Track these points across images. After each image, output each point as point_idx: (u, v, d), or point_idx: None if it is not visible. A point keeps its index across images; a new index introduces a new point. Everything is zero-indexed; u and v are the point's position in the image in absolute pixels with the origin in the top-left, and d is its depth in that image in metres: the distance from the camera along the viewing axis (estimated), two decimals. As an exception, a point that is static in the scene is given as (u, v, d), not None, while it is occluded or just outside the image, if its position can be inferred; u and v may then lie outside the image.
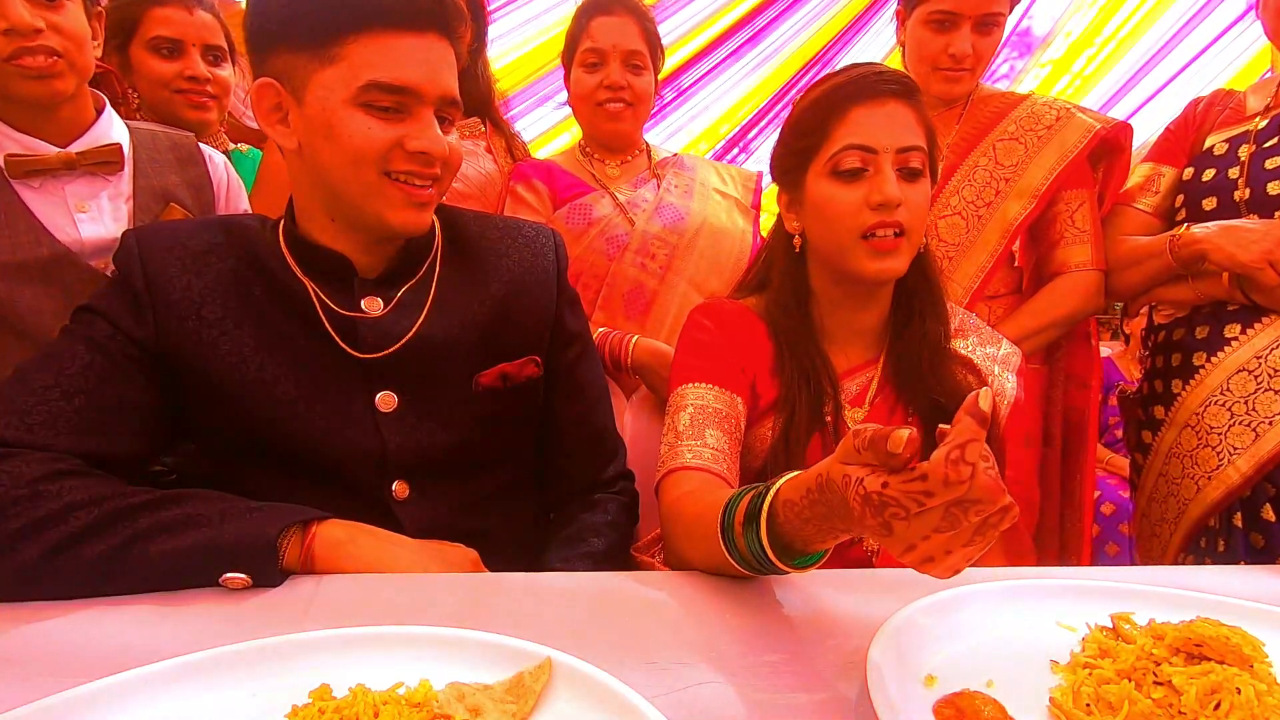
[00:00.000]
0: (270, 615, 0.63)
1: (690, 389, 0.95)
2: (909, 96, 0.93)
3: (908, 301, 1.02)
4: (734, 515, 0.64)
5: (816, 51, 5.27)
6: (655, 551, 1.04)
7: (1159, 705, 0.49)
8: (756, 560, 0.62)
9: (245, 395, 0.82)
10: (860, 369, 1.02)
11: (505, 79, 4.11)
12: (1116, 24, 4.86)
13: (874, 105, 0.91)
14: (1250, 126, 1.29)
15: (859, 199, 0.91)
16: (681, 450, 0.89)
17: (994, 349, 1.06)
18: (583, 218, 1.53)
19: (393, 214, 0.80)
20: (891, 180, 0.90)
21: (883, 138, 0.91)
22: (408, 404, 0.87)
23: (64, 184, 1.04)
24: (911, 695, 0.51)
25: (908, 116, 0.93)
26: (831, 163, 0.93)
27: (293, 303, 0.84)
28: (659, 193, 1.55)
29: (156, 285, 0.81)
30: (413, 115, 0.78)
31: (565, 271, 0.98)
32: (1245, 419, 1.20)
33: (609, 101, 1.49)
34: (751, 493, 0.64)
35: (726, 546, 0.65)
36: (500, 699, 0.48)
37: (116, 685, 0.48)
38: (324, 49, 0.75)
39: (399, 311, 0.86)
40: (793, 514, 0.58)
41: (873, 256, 0.92)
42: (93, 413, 0.76)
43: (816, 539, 0.58)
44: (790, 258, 1.02)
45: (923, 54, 1.39)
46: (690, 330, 1.01)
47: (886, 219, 0.90)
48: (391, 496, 0.86)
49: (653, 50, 1.52)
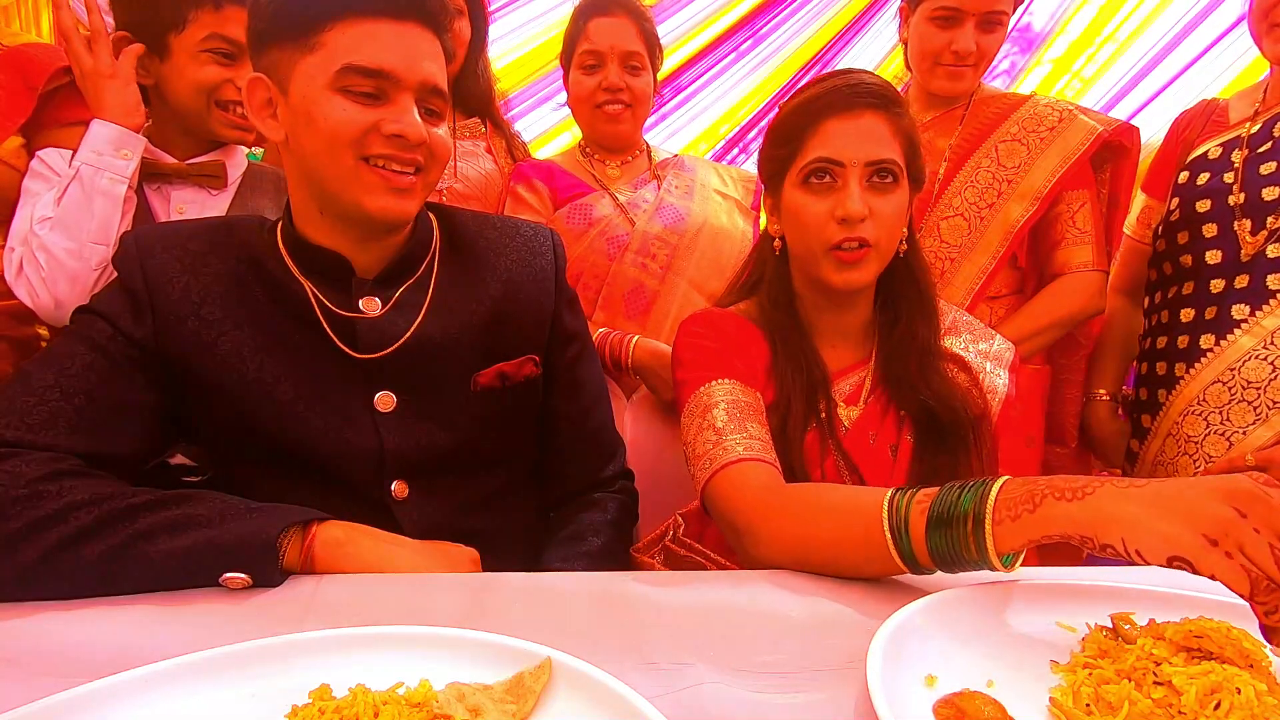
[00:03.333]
0: (270, 615, 0.63)
1: (716, 386, 0.94)
2: (886, 107, 0.94)
3: (894, 304, 1.03)
4: (906, 513, 0.66)
5: (816, 51, 5.27)
6: (655, 552, 1.04)
7: (1159, 705, 0.49)
8: (948, 558, 0.64)
9: (244, 396, 0.82)
10: (852, 369, 1.03)
11: (505, 79, 4.11)
12: (1117, 22, 4.85)
13: (846, 118, 0.93)
14: (1242, 132, 1.31)
15: (826, 211, 0.93)
16: (730, 444, 0.87)
17: (987, 345, 1.07)
18: (583, 218, 1.53)
19: (370, 200, 0.79)
20: (855, 195, 0.91)
21: (850, 151, 0.92)
22: (406, 404, 0.86)
23: (175, 189, 1.23)
24: (911, 695, 0.51)
25: (881, 129, 0.93)
26: (803, 173, 0.95)
27: (291, 303, 0.84)
28: (659, 193, 1.55)
29: (155, 286, 0.81)
30: (391, 101, 0.78)
31: (564, 271, 0.98)
32: (1220, 429, 1.25)
33: (608, 103, 1.50)
34: (923, 494, 0.66)
35: (897, 544, 0.66)
36: (500, 699, 0.48)
37: (116, 685, 0.48)
38: (306, 39, 0.76)
39: (397, 311, 0.86)
40: (1042, 519, 0.58)
41: (838, 268, 0.94)
42: (93, 412, 0.76)
43: (1020, 520, 0.59)
44: (776, 262, 1.04)
45: (926, 50, 1.40)
46: (688, 339, 1.01)
47: (850, 234, 0.92)
48: (390, 496, 0.86)
49: (651, 51, 1.52)
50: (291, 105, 0.78)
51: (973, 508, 0.62)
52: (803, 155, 0.95)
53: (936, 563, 0.65)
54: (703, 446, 0.89)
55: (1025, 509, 0.59)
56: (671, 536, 1.04)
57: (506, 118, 1.77)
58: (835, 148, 0.93)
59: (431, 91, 0.81)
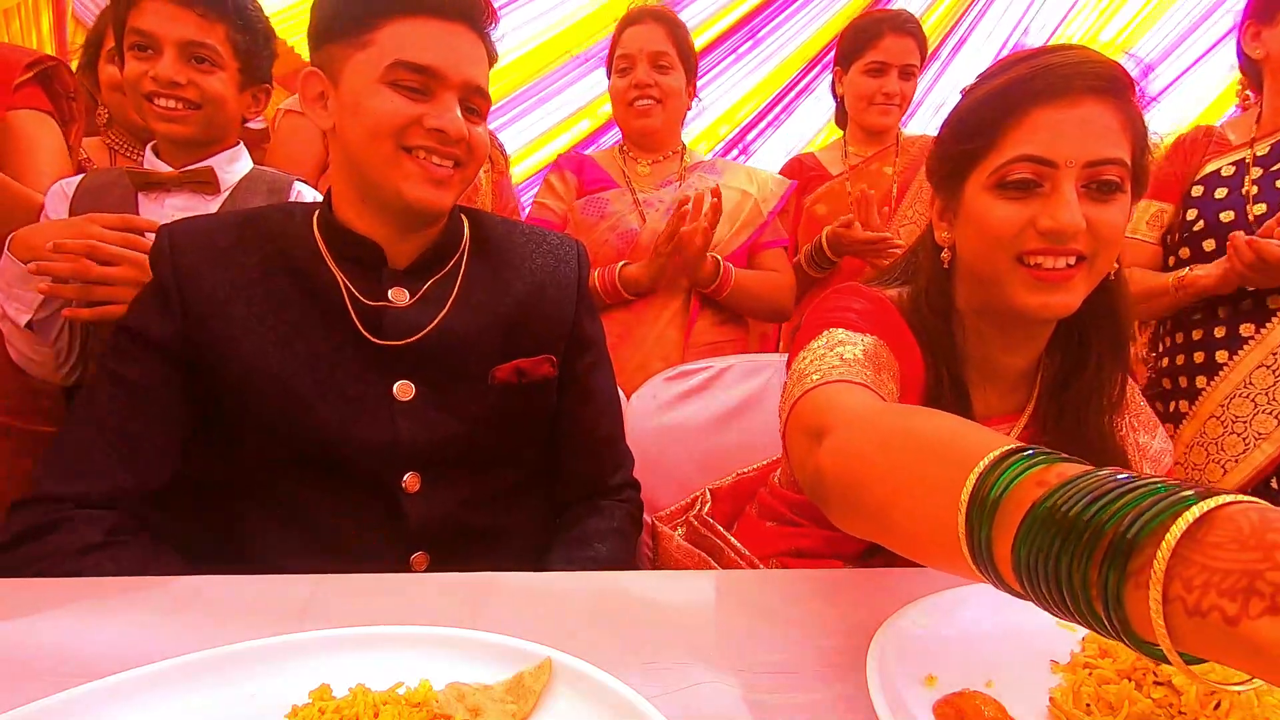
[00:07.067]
0: (270, 615, 0.63)
1: (860, 336, 0.76)
2: (1114, 93, 0.74)
3: (1080, 343, 0.84)
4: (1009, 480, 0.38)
5: (816, 52, 5.26)
6: (678, 524, 1.02)
7: (1159, 705, 0.49)
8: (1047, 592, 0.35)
9: (265, 390, 0.83)
10: (1000, 420, 0.85)
11: (506, 79, 4.12)
12: (1113, 32, 4.87)
13: (1062, 106, 0.73)
14: (1245, 155, 1.41)
15: (1025, 219, 0.75)
16: (855, 374, 0.69)
17: (1148, 439, 0.89)
18: (596, 210, 1.63)
19: (409, 187, 0.83)
20: (1070, 202, 0.72)
21: (1066, 148, 0.73)
22: (424, 393, 0.88)
23: (170, 196, 1.23)
24: (911, 695, 0.51)
25: (1107, 119, 0.74)
26: (998, 174, 0.76)
27: (319, 291, 0.86)
28: (676, 194, 1.61)
29: (186, 282, 0.84)
30: (436, 97, 0.83)
31: (586, 280, 1.01)
32: (1268, 408, 1.35)
33: (637, 99, 1.61)
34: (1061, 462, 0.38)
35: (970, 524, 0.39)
36: (500, 699, 0.48)
37: (116, 685, 0.48)
38: (359, 36, 0.81)
39: (424, 303, 0.89)
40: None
41: (1034, 288, 0.75)
42: (127, 447, 0.81)
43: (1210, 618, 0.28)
44: (937, 270, 0.86)
45: (861, 94, 1.77)
46: (843, 296, 0.85)
47: (1057, 247, 0.74)
48: (402, 489, 0.87)
49: (682, 52, 1.61)
50: (341, 97, 0.83)
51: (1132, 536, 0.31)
52: (998, 151, 0.76)
53: (1030, 590, 0.36)
54: (817, 366, 0.70)
55: (1226, 606, 0.28)
56: (696, 512, 1.02)
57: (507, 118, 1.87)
58: (1046, 143, 0.73)
59: (474, 91, 0.85)
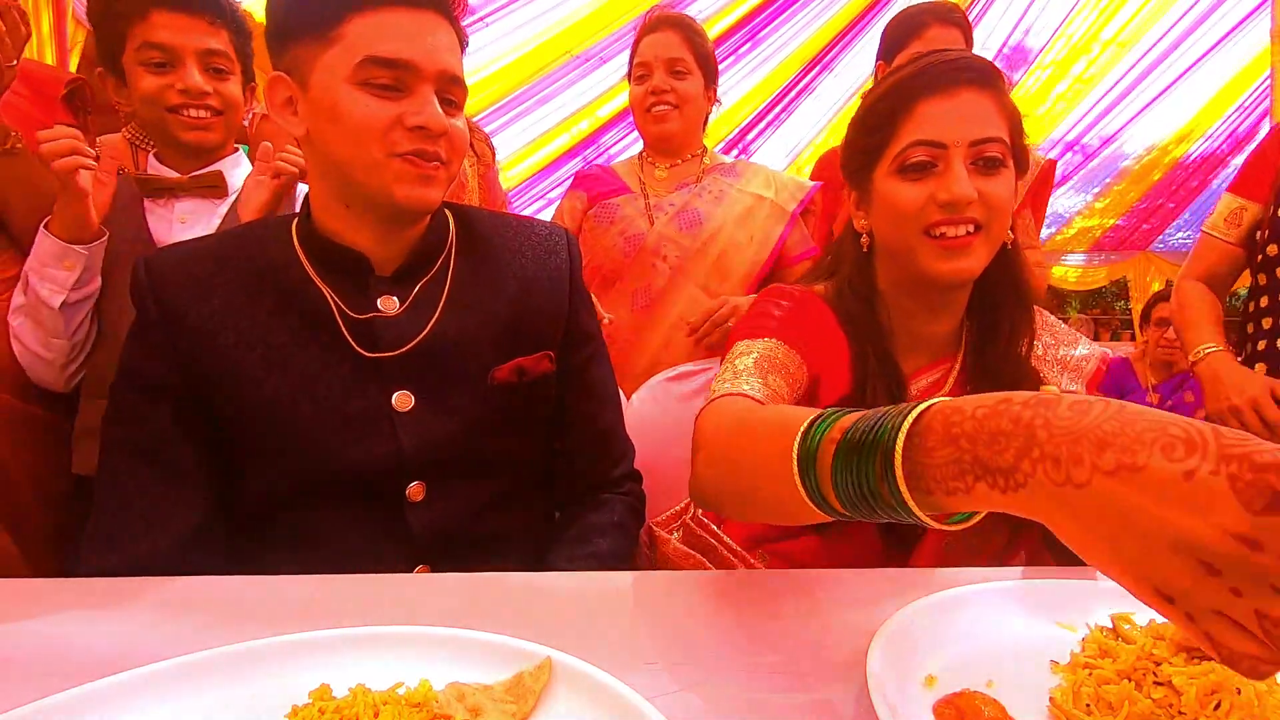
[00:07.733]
0: (270, 615, 0.63)
1: (760, 342, 0.88)
2: (985, 83, 0.86)
3: (991, 310, 0.95)
4: (819, 436, 0.51)
5: (816, 52, 5.26)
6: (674, 528, 1.02)
7: (1159, 705, 0.49)
8: (854, 500, 0.48)
9: (261, 415, 0.82)
10: (931, 367, 0.96)
11: (504, 81, 4.11)
12: (1115, 29, 4.86)
13: (944, 97, 0.85)
14: None
15: (926, 196, 0.86)
16: (739, 385, 0.80)
17: (1067, 351, 0.99)
18: (607, 216, 1.64)
19: (399, 188, 0.80)
20: (962, 177, 0.84)
21: (953, 131, 0.84)
22: (424, 402, 0.86)
23: (179, 202, 1.26)
24: (911, 696, 0.51)
25: (985, 106, 0.86)
26: (899, 160, 0.87)
27: (308, 309, 0.84)
28: (688, 197, 1.61)
29: (171, 315, 0.82)
30: (412, 92, 0.79)
31: (579, 271, 0.98)
32: None
33: (654, 105, 1.61)
34: (852, 414, 0.50)
35: (801, 473, 0.52)
36: (500, 699, 0.48)
37: (116, 685, 0.48)
38: (324, 33, 0.77)
39: (415, 309, 0.87)
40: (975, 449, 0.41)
41: (942, 256, 0.86)
42: (160, 515, 0.80)
43: (956, 497, 0.43)
44: (859, 256, 0.97)
45: None
46: (763, 303, 0.96)
47: (955, 216, 0.85)
48: (406, 500, 0.86)
49: (700, 58, 1.60)
50: (312, 100, 0.79)
51: (885, 440, 0.46)
52: (897, 140, 0.87)
53: (847, 506, 0.50)
54: (715, 384, 0.83)
55: (959, 486, 0.42)
56: (692, 514, 1.03)
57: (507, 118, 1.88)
58: (935, 128, 0.85)
59: (450, 81, 0.81)
